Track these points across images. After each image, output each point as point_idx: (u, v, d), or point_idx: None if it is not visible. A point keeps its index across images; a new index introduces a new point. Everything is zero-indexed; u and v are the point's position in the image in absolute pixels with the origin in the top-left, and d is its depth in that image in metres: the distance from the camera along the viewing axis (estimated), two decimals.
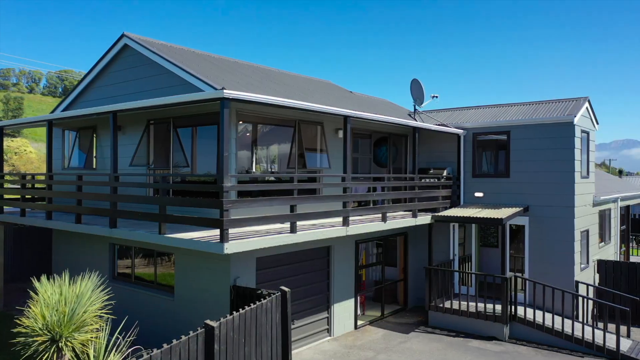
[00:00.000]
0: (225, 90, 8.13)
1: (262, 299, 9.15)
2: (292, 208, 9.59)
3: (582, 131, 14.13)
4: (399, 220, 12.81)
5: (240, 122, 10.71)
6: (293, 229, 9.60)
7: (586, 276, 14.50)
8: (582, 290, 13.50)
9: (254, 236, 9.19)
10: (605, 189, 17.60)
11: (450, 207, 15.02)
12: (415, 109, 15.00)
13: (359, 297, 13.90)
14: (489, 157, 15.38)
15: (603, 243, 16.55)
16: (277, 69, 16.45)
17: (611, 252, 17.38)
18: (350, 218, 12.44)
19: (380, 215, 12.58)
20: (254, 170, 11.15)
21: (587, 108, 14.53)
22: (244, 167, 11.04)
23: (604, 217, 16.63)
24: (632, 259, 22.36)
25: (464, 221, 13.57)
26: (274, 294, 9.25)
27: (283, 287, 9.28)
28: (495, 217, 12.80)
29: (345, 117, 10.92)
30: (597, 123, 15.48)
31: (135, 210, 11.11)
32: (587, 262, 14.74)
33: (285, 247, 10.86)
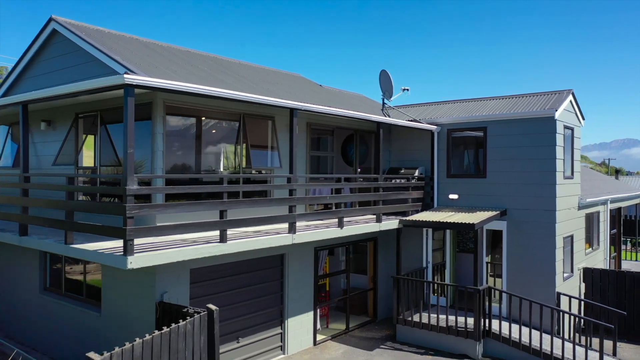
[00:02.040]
0: (126, 76, 6.87)
1: (188, 318, 7.92)
2: (222, 214, 8.32)
3: (566, 127, 12.85)
4: (361, 225, 11.53)
5: (171, 115, 9.43)
6: (223, 238, 8.32)
7: (570, 286, 13.23)
8: (563, 303, 12.23)
9: (176, 246, 7.93)
10: (594, 190, 16.32)
11: (421, 210, 13.75)
12: (384, 103, 13.74)
13: (319, 310, 12.64)
14: (464, 156, 14.10)
15: (591, 249, 15.28)
16: (242, 61, 15.16)
17: (600, 258, 16.10)
18: (306, 223, 11.19)
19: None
20: (200, 170, 9.88)
21: (571, 102, 13.25)
22: (180, 165, 9.77)
23: (591, 221, 15.35)
24: (626, 264, 21.08)
25: (433, 226, 12.29)
26: (199, 312, 8.00)
27: (210, 305, 8.02)
28: (467, 222, 11.53)
29: (292, 110, 9.66)
30: (583, 118, 14.20)
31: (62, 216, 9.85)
32: (572, 271, 13.47)
33: (226, 257, 9.60)
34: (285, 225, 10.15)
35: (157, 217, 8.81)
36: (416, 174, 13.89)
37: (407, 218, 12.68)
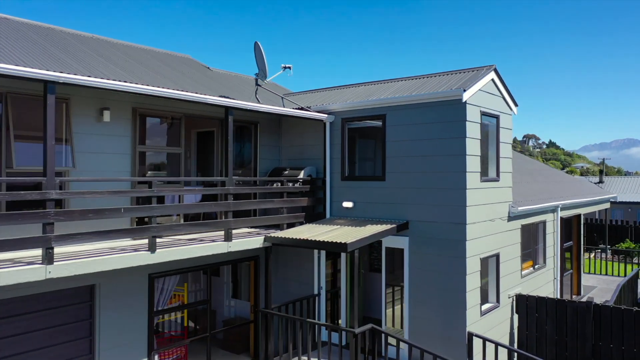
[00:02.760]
0: None
1: None
2: None
3: (485, 114, 9.85)
4: (195, 247, 8.50)
5: None
6: None
7: (495, 320, 10.22)
8: (476, 347, 9.20)
9: None
10: (542, 195, 13.32)
11: (307, 222, 10.74)
12: (257, 84, 10.76)
13: (157, 356, 9.60)
14: (363, 153, 11.11)
15: (532, 269, 12.26)
16: (120, 41, 12.19)
17: (547, 278, 13.07)
18: (132, 243, 8.17)
19: (186, 236, 8.34)
20: None
21: (493, 81, 10.24)
22: None
23: (532, 233, 12.33)
24: (592, 279, 18.08)
25: (298, 245, 9.23)
26: None
27: None
28: (340, 241, 8.51)
29: (46, 83, 6.63)
30: (516, 104, 11.16)
31: None
32: (498, 300, 10.45)
33: None
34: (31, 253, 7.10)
35: None
36: (301, 175, 10.88)
37: (272, 234, 9.64)
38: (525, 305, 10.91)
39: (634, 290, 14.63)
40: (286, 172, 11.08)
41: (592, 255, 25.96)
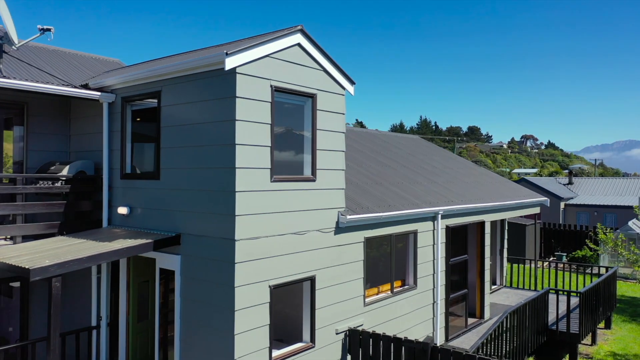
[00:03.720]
0: None
1: None
2: None
3: (282, 89, 7.30)
4: None
5: None
6: None
7: None
8: None
9: None
10: (427, 197, 10.78)
11: (71, 232, 8.23)
12: (2, 51, 8.22)
13: None
14: (148, 143, 8.58)
15: (389, 293, 9.68)
16: None
17: (422, 302, 10.50)
18: None
19: None
20: None
21: (300, 47, 7.64)
22: None
23: (394, 247, 9.74)
24: (514, 296, 15.50)
25: None
26: None
27: None
28: (24, 266, 5.99)
29: None
30: (352, 82, 8.56)
31: None
32: (313, 339, 7.90)
33: None
34: None
35: None
36: (64, 172, 8.35)
37: None
38: (358, 342, 8.37)
39: (546, 309, 12.02)
40: (53, 167, 8.56)
41: (546, 264, 23.37)
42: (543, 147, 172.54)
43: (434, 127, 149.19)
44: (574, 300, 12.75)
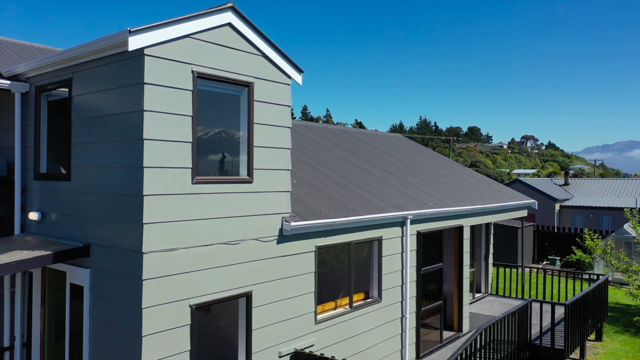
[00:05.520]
0: None
1: None
2: None
3: (208, 76, 6.26)
4: None
5: None
6: None
7: None
8: None
9: None
10: (396, 199, 9.76)
11: None
12: None
13: None
14: (65, 139, 7.54)
15: (348, 307, 8.64)
16: None
17: (388, 317, 9.47)
18: None
19: None
20: None
21: (231, 27, 6.60)
22: None
23: (350, 256, 8.71)
24: (497, 305, 14.48)
25: None
26: None
27: None
28: None
29: None
30: (300, 70, 7.52)
31: None
32: None
33: None
34: None
35: None
36: None
37: None
38: None
39: (529, 322, 10.99)
40: None
41: (538, 269, 22.28)
42: (543, 147, 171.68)
43: (433, 127, 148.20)
44: (562, 311, 11.71)
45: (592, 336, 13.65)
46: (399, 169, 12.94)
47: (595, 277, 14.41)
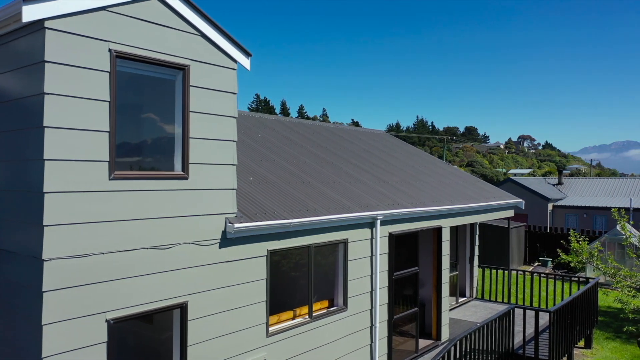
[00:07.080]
0: None
1: None
2: None
3: (130, 56, 5.44)
4: None
5: None
6: None
7: None
8: None
9: None
10: (373, 199, 8.97)
11: None
12: None
13: None
14: None
15: (308, 317, 7.84)
16: None
17: (355, 327, 8.66)
18: None
19: None
20: None
21: (161, 1, 5.81)
22: None
23: (310, 261, 7.90)
24: (482, 311, 13.70)
25: None
26: None
27: None
28: None
29: None
30: (248, 54, 6.71)
31: None
32: None
33: None
34: None
35: None
36: None
37: None
38: None
39: (512, 330, 10.21)
40: None
41: (529, 270, 21.53)
42: (540, 147, 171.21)
43: (430, 127, 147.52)
44: (547, 318, 10.93)
45: (581, 343, 12.88)
46: (377, 166, 12.15)
47: (585, 280, 13.66)
